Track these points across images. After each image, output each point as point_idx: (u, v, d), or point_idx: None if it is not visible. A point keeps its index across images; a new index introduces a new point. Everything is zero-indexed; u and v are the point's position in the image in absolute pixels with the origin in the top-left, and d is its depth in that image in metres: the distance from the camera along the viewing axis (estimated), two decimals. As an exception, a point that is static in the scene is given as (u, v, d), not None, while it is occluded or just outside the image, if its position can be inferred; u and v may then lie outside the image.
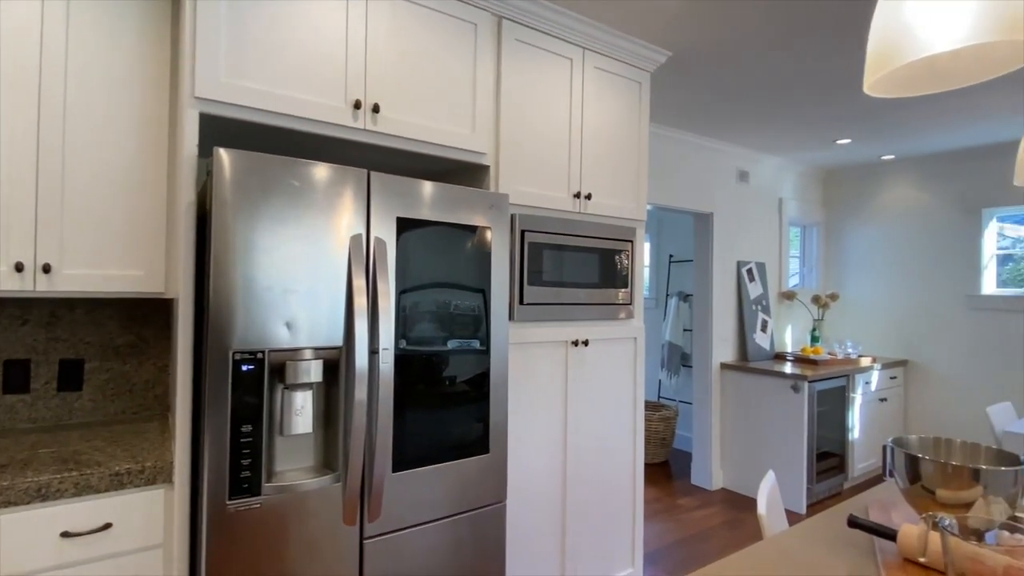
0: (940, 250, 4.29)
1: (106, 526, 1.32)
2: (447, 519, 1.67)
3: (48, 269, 1.48)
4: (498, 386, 1.79)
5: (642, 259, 2.44)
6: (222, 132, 1.61)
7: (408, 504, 1.58)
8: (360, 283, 1.44)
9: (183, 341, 1.39)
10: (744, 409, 3.93)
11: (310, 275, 1.41)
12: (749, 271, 4.26)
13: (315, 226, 1.42)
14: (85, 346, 1.83)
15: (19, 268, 1.45)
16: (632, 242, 2.37)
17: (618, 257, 2.32)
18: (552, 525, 2.16)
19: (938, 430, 4.33)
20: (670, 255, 5.13)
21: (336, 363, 1.47)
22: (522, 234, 2.01)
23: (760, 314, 4.29)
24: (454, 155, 1.88)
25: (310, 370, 1.39)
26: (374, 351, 1.49)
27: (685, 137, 3.83)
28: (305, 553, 1.41)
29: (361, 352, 1.42)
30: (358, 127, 1.64)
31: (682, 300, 4.83)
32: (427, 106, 1.80)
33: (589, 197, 2.23)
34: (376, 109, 1.65)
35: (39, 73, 1.47)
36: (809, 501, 3.64)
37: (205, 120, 1.48)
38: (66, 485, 1.28)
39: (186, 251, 1.40)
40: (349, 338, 1.46)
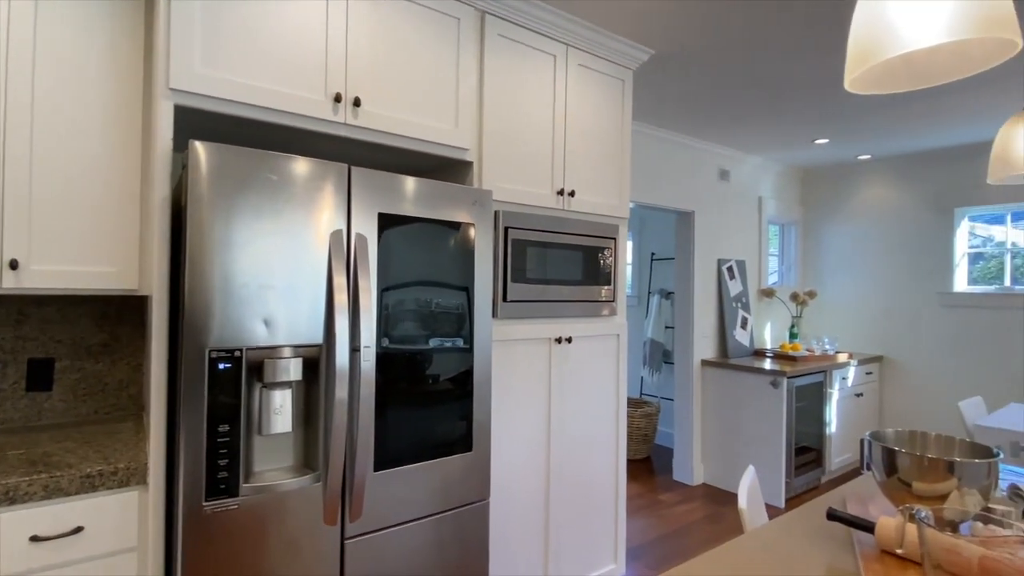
0: (914, 248, 4.39)
1: (77, 529, 1.28)
2: (430, 518, 1.65)
3: (15, 265, 1.43)
4: (481, 384, 1.78)
5: (625, 256, 2.44)
6: (198, 125, 1.58)
7: (390, 503, 1.57)
8: (340, 280, 1.42)
9: (158, 339, 1.36)
10: (725, 405, 3.97)
11: (289, 271, 1.39)
12: (729, 269, 4.31)
13: (294, 221, 1.40)
14: (55, 345, 1.78)
15: (-16, 264, 1.40)
16: (615, 239, 2.38)
17: (601, 254, 2.32)
18: (535, 522, 2.16)
19: (912, 424, 4.44)
20: (652, 253, 5.17)
21: (316, 361, 1.45)
22: (506, 231, 2.00)
23: (740, 311, 4.34)
24: (437, 151, 1.86)
25: (289, 368, 1.37)
26: (355, 349, 1.47)
27: (667, 136, 3.85)
28: (285, 554, 1.38)
29: (342, 350, 1.40)
30: (338, 121, 1.62)
31: (664, 298, 4.87)
32: (409, 101, 1.78)
33: (573, 194, 2.23)
34: (357, 103, 1.62)
35: (5, 65, 1.42)
36: (788, 495, 3.70)
37: (180, 112, 1.45)
38: (35, 488, 1.24)
39: (160, 247, 1.36)
40: (329, 336, 1.44)
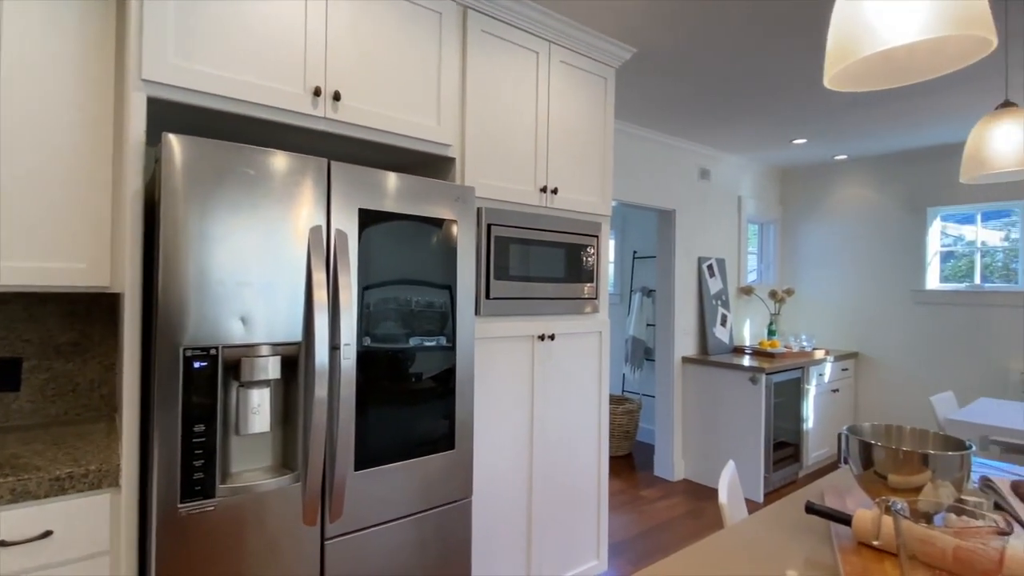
0: (888, 247, 4.48)
1: (46, 534, 1.24)
2: (412, 517, 1.64)
3: (-21, 261, 1.38)
4: (464, 382, 1.77)
5: (607, 254, 2.45)
6: (173, 119, 1.54)
7: (371, 503, 1.55)
8: (320, 276, 1.40)
9: (130, 337, 1.32)
10: (705, 401, 4.02)
11: (267, 268, 1.36)
12: (710, 267, 4.35)
13: (272, 217, 1.37)
14: (23, 344, 1.72)
15: (-54, 260, 1.34)
16: (597, 237, 2.39)
17: (584, 252, 2.32)
18: (518, 519, 2.16)
19: (886, 419, 4.54)
20: (634, 251, 5.20)
21: (295, 359, 1.42)
22: (488, 228, 1.99)
23: (720, 309, 4.39)
24: (419, 146, 1.85)
25: (267, 367, 1.34)
26: (335, 347, 1.45)
27: (649, 135, 3.88)
28: (263, 556, 1.36)
29: (321, 348, 1.38)
30: (318, 115, 1.59)
31: (645, 295, 4.90)
32: (391, 95, 1.76)
33: (555, 192, 2.23)
34: (337, 97, 1.60)
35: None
36: (766, 489, 3.75)
37: (153, 105, 1.41)
38: (2, 491, 1.20)
39: (133, 243, 1.33)
40: (308, 334, 1.41)
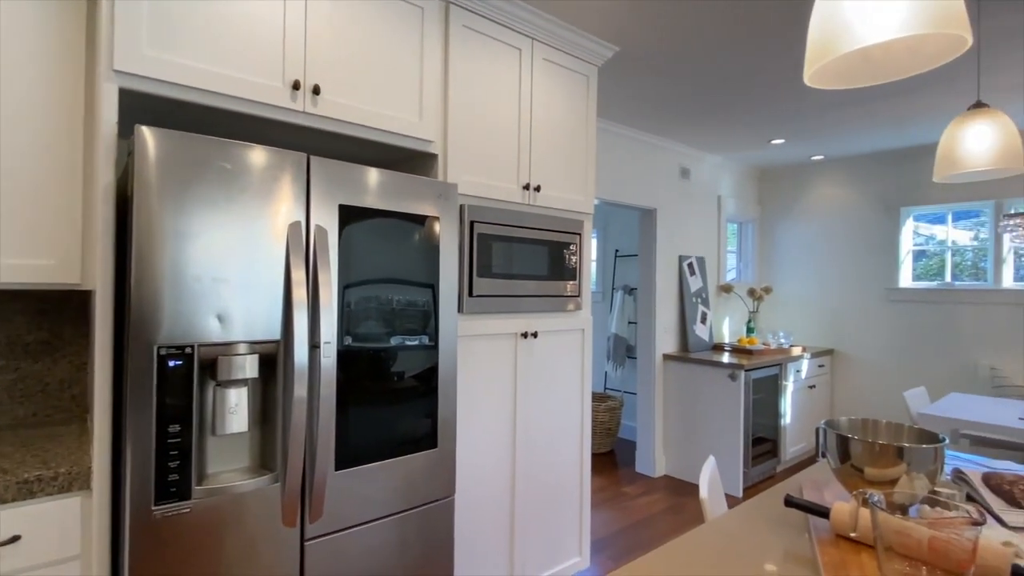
0: (863, 246, 4.58)
1: (14, 539, 1.20)
2: (394, 516, 1.62)
3: (-60, 257, 1.33)
4: (447, 380, 1.76)
5: (590, 252, 2.46)
6: (147, 111, 1.49)
7: (352, 503, 1.53)
8: (299, 273, 1.37)
9: (102, 336, 1.28)
10: (685, 398, 4.06)
11: (244, 264, 1.33)
12: (690, 265, 4.40)
13: (250, 212, 1.34)
14: (-13, 343, 1.66)
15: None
16: (580, 235, 2.39)
17: (567, 249, 2.33)
18: (501, 517, 2.16)
19: (861, 414, 4.63)
20: (616, 250, 5.23)
21: (273, 358, 1.39)
22: (471, 225, 1.98)
23: (700, 306, 4.44)
24: (401, 142, 1.83)
25: (245, 365, 1.32)
26: (315, 345, 1.42)
27: (631, 133, 3.90)
28: (241, 558, 1.33)
29: (300, 346, 1.35)
30: (297, 109, 1.56)
31: (627, 293, 4.93)
32: (372, 90, 1.73)
33: (538, 189, 2.22)
34: (316, 91, 1.57)
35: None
36: (745, 484, 3.81)
37: (126, 96, 1.37)
38: (-36, 496, 1.16)
39: (104, 238, 1.29)
40: (287, 332, 1.39)
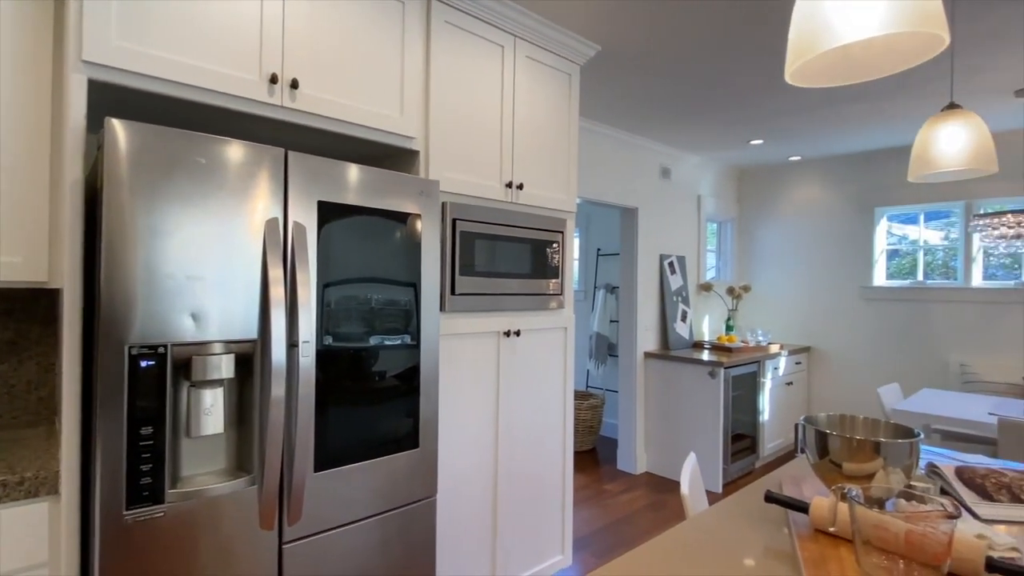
0: (838, 245, 4.67)
1: (-25, 548, 1.16)
2: (375, 517, 1.60)
3: None
4: (428, 379, 1.74)
5: (572, 250, 2.46)
6: (119, 105, 1.45)
7: (332, 504, 1.51)
8: (276, 271, 1.35)
9: (70, 336, 1.24)
10: (666, 395, 4.10)
11: (220, 262, 1.30)
12: (671, 264, 4.43)
13: (225, 209, 1.31)
14: (-51, 344, 1.60)
15: None
16: (563, 233, 2.39)
17: (549, 248, 2.32)
18: (483, 517, 2.15)
19: (836, 409, 4.73)
20: (598, 249, 5.25)
21: (250, 358, 1.36)
22: (453, 223, 1.96)
23: (680, 305, 4.48)
24: (382, 138, 1.80)
25: (220, 365, 1.28)
26: (293, 344, 1.40)
27: (612, 133, 3.91)
28: (217, 563, 1.30)
29: (278, 346, 1.33)
30: (274, 103, 1.53)
31: (609, 292, 4.96)
32: (352, 85, 1.71)
33: (521, 187, 2.22)
34: (295, 85, 1.54)
35: None
36: (725, 480, 3.86)
37: (96, 88, 1.33)
38: (-78, 503, 1.11)
39: (72, 234, 1.24)
40: (265, 331, 1.36)
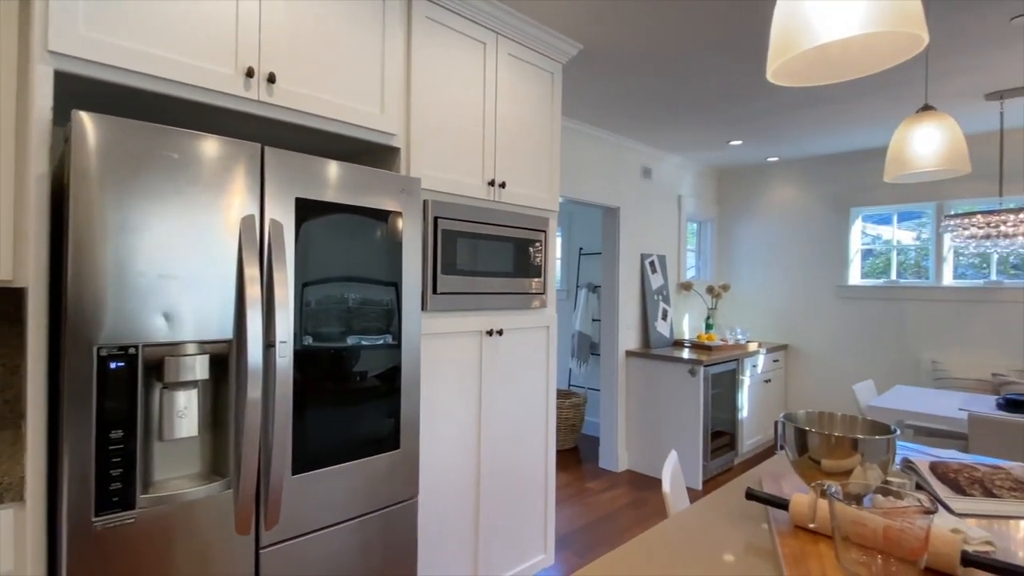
0: (815, 245, 4.75)
1: (-67, 558, 1.11)
2: (355, 520, 1.58)
3: None
4: (410, 379, 1.72)
5: (554, 249, 2.46)
6: (91, 99, 1.40)
7: (311, 507, 1.48)
8: (253, 269, 1.31)
9: (35, 336, 1.19)
10: (647, 393, 4.12)
11: (194, 260, 1.26)
12: (652, 263, 4.46)
13: (199, 205, 1.27)
14: (-95, 345, 1.53)
15: None
16: (545, 232, 2.38)
17: (532, 247, 2.32)
18: (465, 517, 2.13)
19: (813, 406, 4.81)
20: (580, 248, 5.27)
21: (225, 358, 1.33)
22: (435, 221, 1.94)
23: (661, 304, 4.52)
24: (362, 135, 1.77)
25: (194, 366, 1.25)
26: (270, 345, 1.37)
27: (595, 132, 3.92)
28: (192, 570, 1.27)
29: (254, 346, 1.29)
30: (251, 98, 1.49)
31: (591, 291, 4.98)
32: (331, 80, 1.68)
33: (503, 185, 2.20)
34: (272, 79, 1.51)
35: None
36: (705, 477, 3.90)
37: (64, 80, 1.28)
38: None
39: (37, 231, 1.20)
40: (241, 331, 1.33)
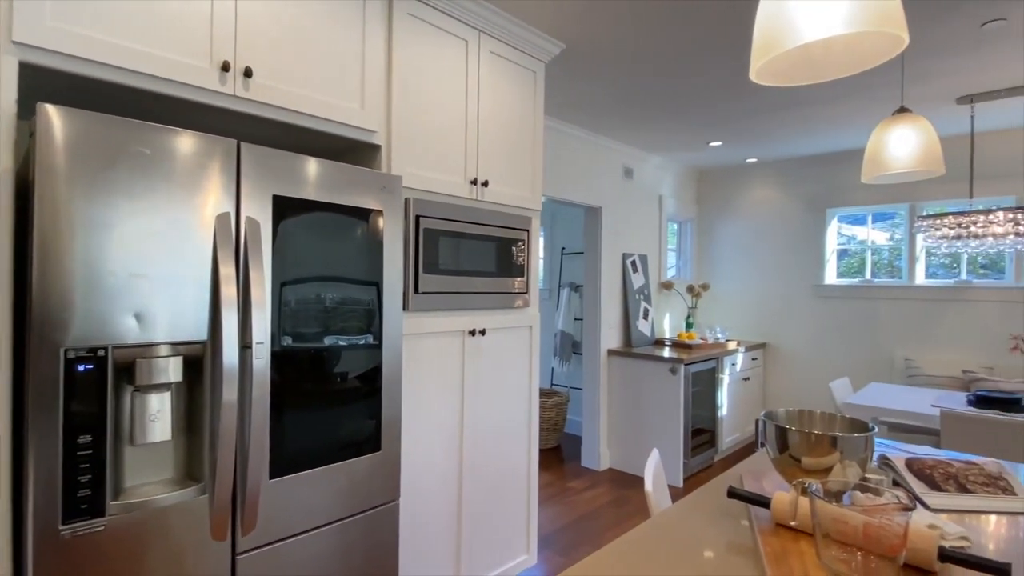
0: (792, 244, 4.83)
1: None
2: (335, 524, 1.55)
3: None
4: (391, 380, 1.70)
5: (537, 248, 2.45)
6: (57, 92, 1.35)
7: (290, 511, 1.45)
8: (228, 268, 1.28)
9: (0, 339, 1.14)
10: (629, 392, 4.15)
11: (166, 259, 1.22)
12: (633, 263, 4.49)
13: (172, 202, 1.23)
14: None
15: None
16: (528, 231, 2.37)
17: (515, 246, 2.31)
18: (448, 518, 2.11)
19: (791, 404, 4.89)
20: (562, 248, 5.28)
21: (200, 360, 1.29)
22: (417, 219, 1.92)
23: (642, 303, 4.55)
24: (342, 131, 1.74)
25: (167, 368, 1.21)
26: (246, 346, 1.33)
27: (577, 132, 3.93)
28: (164, 577, 1.23)
29: (230, 347, 1.26)
30: (226, 92, 1.45)
31: (573, 291, 4.99)
32: (310, 75, 1.64)
33: (486, 184, 2.19)
34: (248, 73, 1.47)
35: None
36: (685, 474, 3.93)
37: (30, 73, 1.23)
38: None
39: (0, 230, 1.15)
40: (216, 332, 1.29)
